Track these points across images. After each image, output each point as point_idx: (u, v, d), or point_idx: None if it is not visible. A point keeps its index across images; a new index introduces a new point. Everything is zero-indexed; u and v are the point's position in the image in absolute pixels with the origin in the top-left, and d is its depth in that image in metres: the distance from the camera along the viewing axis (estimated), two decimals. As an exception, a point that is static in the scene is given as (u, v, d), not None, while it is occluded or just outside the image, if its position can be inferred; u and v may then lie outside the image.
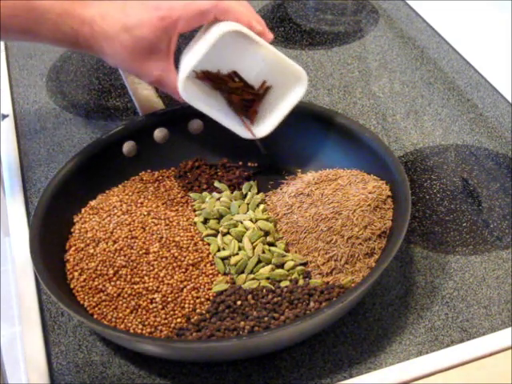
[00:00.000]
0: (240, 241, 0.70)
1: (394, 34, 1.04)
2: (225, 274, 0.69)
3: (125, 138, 0.79)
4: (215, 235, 0.72)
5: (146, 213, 0.73)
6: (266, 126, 0.74)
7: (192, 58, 0.70)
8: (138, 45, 0.70)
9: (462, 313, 0.66)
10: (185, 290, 0.66)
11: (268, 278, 0.67)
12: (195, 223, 0.73)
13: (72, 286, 0.68)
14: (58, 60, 1.05)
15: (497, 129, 0.86)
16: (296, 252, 0.69)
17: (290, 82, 0.72)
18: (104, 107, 0.95)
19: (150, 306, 0.65)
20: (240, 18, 0.69)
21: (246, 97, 0.74)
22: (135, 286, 0.66)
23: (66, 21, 0.70)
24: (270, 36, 0.72)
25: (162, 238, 0.70)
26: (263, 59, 0.72)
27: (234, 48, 0.71)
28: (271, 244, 0.70)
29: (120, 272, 0.67)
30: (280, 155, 0.80)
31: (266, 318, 0.63)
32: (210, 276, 0.68)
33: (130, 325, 0.65)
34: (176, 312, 0.65)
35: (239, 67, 0.73)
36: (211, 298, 0.66)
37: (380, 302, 0.68)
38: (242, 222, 0.71)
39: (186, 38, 0.75)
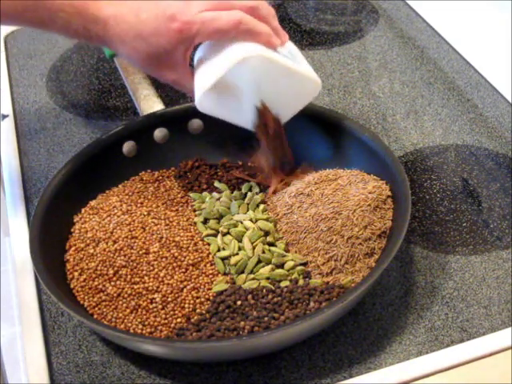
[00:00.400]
0: (240, 241, 0.70)
1: (394, 34, 1.04)
2: (225, 274, 0.69)
3: (125, 138, 0.79)
4: (215, 235, 0.72)
5: (146, 213, 0.73)
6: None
7: (208, 77, 0.69)
8: (154, 52, 0.69)
9: (462, 313, 0.66)
10: (185, 290, 0.66)
11: (268, 278, 0.67)
12: (195, 223, 0.73)
13: (72, 286, 0.68)
14: (58, 60, 1.05)
15: (497, 129, 0.86)
16: (296, 252, 0.69)
17: (304, 86, 0.72)
18: (104, 107, 0.95)
19: (150, 306, 0.65)
20: (260, 38, 0.68)
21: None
22: (135, 286, 0.66)
23: (78, 20, 0.69)
24: (286, 38, 0.72)
25: (162, 238, 0.70)
26: (279, 71, 0.72)
27: (249, 61, 0.70)
28: (271, 244, 0.70)
29: (120, 272, 0.67)
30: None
31: (266, 318, 0.63)
32: (210, 276, 0.68)
33: (130, 325, 0.65)
34: (176, 312, 0.65)
35: (253, 76, 0.73)
36: (211, 298, 0.66)
37: (380, 301, 0.68)
38: (242, 222, 0.71)
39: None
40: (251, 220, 0.72)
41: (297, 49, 0.75)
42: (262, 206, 0.73)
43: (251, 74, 0.70)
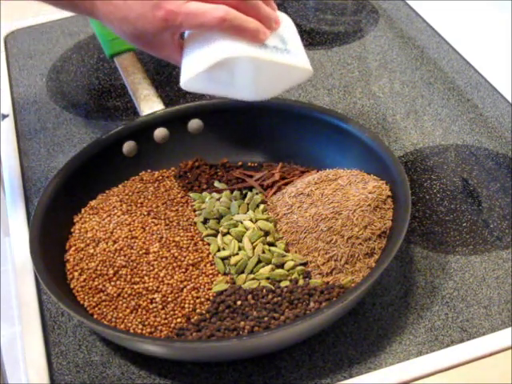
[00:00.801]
0: (240, 241, 0.70)
1: (394, 34, 1.04)
2: (225, 274, 0.69)
3: (125, 138, 0.79)
4: (215, 235, 0.72)
5: (146, 213, 0.73)
6: (265, 94, 0.74)
7: (191, 67, 0.69)
8: (140, 34, 0.69)
9: (462, 313, 0.66)
10: (185, 290, 0.66)
11: (268, 278, 0.67)
12: (195, 223, 0.73)
13: (72, 286, 0.68)
14: (58, 60, 1.05)
15: (497, 129, 0.86)
16: (296, 252, 0.69)
17: (294, 74, 0.72)
18: (104, 107, 0.95)
19: (150, 306, 0.65)
20: (245, 35, 0.67)
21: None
22: (135, 286, 0.66)
23: None
24: (278, 24, 0.70)
25: (162, 238, 0.70)
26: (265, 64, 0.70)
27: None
28: (271, 244, 0.70)
29: (120, 272, 0.67)
30: (280, 155, 0.80)
31: (266, 318, 0.63)
32: (210, 276, 0.68)
33: (130, 325, 0.65)
34: (176, 312, 0.65)
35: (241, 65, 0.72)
36: (211, 298, 0.66)
37: (380, 302, 0.68)
38: (242, 222, 0.71)
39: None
40: (251, 220, 0.72)
41: (292, 29, 0.73)
42: (262, 206, 0.73)
43: (241, 62, 0.69)
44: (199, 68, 0.68)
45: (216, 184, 0.78)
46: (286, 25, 0.73)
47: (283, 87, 0.74)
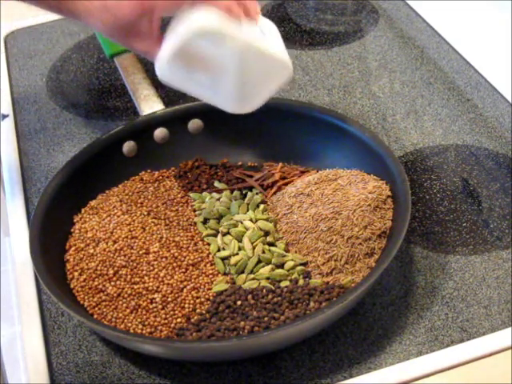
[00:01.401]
0: (240, 241, 0.70)
1: (394, 34, 1.04)
2: (225, 274, 0.69)
3: (125, 138, 0.79)
4: (215, 235, 0.72)
5: (146, 213, 0.73)
6: (251, 104, 0.71)
7: (164, 50, 0.68)
8: (119, 24, 0.69)
9: (462, 313, 0.66)
10: (185, 290, 0.66)
11: (268, 278, 0.67)
12: (195, 223, 0.73)
13: (72, 286, 0.68)
14: (57, 60, 1.05)
15: (497, 129, 0.86)
16: (296, 252, 0.69)
17: (275, 67, 0.70)
18: (104, 107, 0.95)
19: (150, 306, 0.65)
20: (217, 5, 0.66)
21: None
22: (135, 286, 0.66)
23: None
24: (256, 16, 0.68)
25: (162, 238, 0.70)
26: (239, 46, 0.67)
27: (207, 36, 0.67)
28: (271, 244, 0.70)
29: (120, 272, 0.67)
30: (280, 155, 0.80)
31: (266, 318, 0.63)
32: (210, 276, 0.68)
33: (130, 325, 0.65)
34: (176, 312, 0.65)
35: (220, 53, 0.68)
36: (211, 298, 0.66)
37: (380, 302, 0.68)
38: (241, 222, 0.71)
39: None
40: (251, 220, 0.72)
41: (275, 30, 0.71)
42: (261, 206, 0.73)
43: (222, 50, 0.67)
44: (171, 49, 0.66)
45: (216, 184, 0.78)
46: (270, 28, 0.71)
47: (265, 92, 0.71)
